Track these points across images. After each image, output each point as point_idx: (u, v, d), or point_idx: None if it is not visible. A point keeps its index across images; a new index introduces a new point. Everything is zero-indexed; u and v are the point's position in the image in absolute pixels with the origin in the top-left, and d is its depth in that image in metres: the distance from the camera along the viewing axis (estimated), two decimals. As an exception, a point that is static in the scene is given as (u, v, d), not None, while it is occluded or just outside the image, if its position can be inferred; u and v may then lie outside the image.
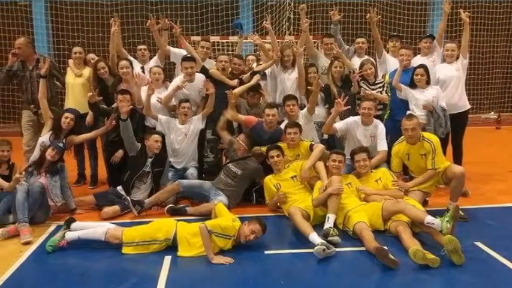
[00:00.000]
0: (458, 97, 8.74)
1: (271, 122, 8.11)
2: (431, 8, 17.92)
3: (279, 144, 7.80)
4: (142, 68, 9.26)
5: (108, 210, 7.40)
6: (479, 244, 6.15)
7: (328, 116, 8.23)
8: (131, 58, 9.13)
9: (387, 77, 8.84)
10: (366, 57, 9.42)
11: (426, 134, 7.42)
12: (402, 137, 7.47)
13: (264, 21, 9.19)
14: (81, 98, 8.74)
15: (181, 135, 8.42)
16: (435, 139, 7.30)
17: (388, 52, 9.43)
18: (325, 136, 8.69)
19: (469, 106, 9.02)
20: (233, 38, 14.63)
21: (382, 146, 7.96)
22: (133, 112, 8.12)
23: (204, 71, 8.78)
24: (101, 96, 8.32)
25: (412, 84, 8.39)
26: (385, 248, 5.70)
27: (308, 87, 8.50)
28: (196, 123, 8.50)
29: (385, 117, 8.68)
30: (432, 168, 7.17)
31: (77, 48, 9.23)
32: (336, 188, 6.53)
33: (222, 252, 5.93)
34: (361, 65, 8.78)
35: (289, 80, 8.93)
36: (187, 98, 8.56)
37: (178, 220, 6.43)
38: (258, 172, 7.84)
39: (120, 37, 9.49)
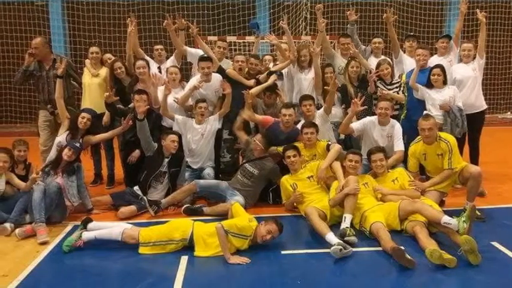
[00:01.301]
0: (474, 97, 8.70)
1: (288, 122, 8.08)
2: (448, 8, 17.79)
3: (296, 144, 7.79)
4: (159, 68, 9.28)
5: (124, 210, 7.43)
6: (496, 244, 6.14)
7: (345, 116, 8.24)
8: (148, 58, 9.16)
9: (404, 77, 8.82)
10: (383, 57, 9.40)
11: (443, 134, 7.40)
12: (419, 137, 7.46)
13: (281, 21, 9.18)
14: (98, 98, 8.77)
15: (198, 135, 8.41)
16: (452, 139, 7.28)
17: (404, 52, 9.44)
18: (342, 136, 8.69)
19: (485, 106, 8.98)
20: (250, 38, 14.60)
21: (399, 146, 7.93)
22: (150, 112, 8.15)
23: (220, 71, 8.78)
24: (117, 96, 8.32)
25: (429, 84, 8.37)
26: (402, 248, 5.69)
27: (325, 87, 8.47)
28: (213, 123, 8.50)
29: (402, 117, 8.66)
30: (449, 168, 7.16)
31: (93, 48, 9.25)
32: (352, 188, 6.54)
33: (238, 252, 5.94)
34: (378, 65, 8.76)
35: (306, 80, 8.90)
36: (204, 98, 8.56)
37: (195, 220, 6.46)
38: (275, 172, 7.85)
39: (137, 37, 9.53)
